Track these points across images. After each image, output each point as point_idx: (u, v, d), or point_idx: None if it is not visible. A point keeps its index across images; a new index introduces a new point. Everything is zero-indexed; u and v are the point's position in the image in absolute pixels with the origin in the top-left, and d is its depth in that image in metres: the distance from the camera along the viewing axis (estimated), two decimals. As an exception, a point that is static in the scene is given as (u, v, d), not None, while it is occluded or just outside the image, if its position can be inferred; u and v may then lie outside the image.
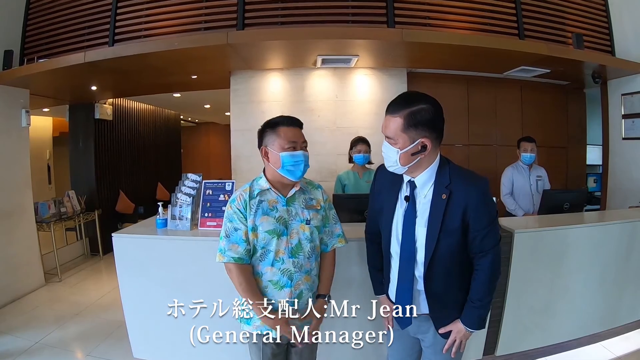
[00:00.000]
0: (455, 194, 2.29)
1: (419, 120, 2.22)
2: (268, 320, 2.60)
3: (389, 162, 2.35)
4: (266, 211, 2.65)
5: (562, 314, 4.23)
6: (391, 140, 2.27)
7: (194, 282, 3.31)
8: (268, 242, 2.63)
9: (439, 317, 2.48)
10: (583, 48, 6.30)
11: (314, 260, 2.77)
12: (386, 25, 5.60)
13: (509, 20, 6.17)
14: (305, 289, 2.71)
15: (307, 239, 2.71)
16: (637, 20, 6.67)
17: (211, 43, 5.20)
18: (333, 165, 6.26)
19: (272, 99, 6.59)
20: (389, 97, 6.06)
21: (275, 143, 2.63)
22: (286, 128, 2.65)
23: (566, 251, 4.08)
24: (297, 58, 6.12)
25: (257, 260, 2.67)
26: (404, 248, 2.42)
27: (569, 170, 8.23)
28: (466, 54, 5.95)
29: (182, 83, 7.63)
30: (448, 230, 2.29)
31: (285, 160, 2.60)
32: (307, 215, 2.74)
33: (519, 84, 7.64)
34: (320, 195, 2.88)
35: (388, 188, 2.52)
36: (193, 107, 12.46)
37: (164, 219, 3.72)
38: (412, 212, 2.38)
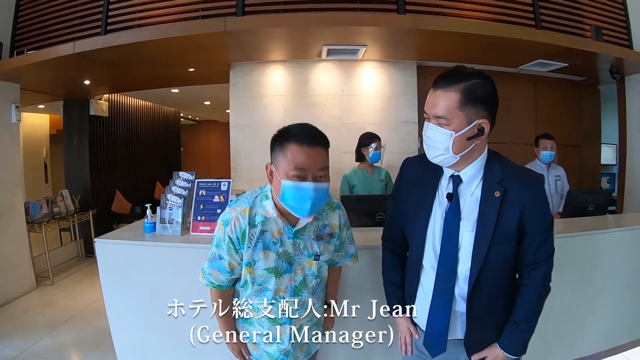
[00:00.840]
0: (511, 192, 1.92)
1: (477, 96, 1.87)
2: (229, 346, 2.39)
3: (435, 151, 1.92)
4: (268, 245, 2.15)
5: (586, 325, 3.94)
6: (443, 121, 1.87)
7: (185, 293, 3.01)
8: (266, 280, 2.18)
9: (474, 342, 2.09)
10: (602, 41, 6.06)
11: (317, 293, 2.32)
12: (397, 12, 5.32)
13: (525, 10, 5.88)
14: (306, 323, 2.32)
15: (313, 275, 2.25)
16: None
17: (208, 30, 4.91)
18: (338, 163, 5.83)
19: (274, 93, 6.35)
20: (398, 92, 5.89)
21: (281, 164, 2.04)
22: (297, 147, 1.99)
23: (595, 257, 3.77)
24: (300, 48, 5.86)
25: (253, 295, 2.24)
26: (444, 258, 2.00)
27: (583, 170, 7.97)
28: (480, 44, 5.65)
29: (180, 77, 7.42)
30: (502, 235, 1.91)
31: (286, 192, 2.02)
32: (317, 249, 2.23)
33: (533, 80, 7.38)
34: (336, 220, 2.31)
35: (419, 185, 2.11)
36: (192, 103, 12.30)
37: (152, 222, 3.36)
38: (456, 214, 1.98)
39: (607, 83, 7.46)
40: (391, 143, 6.28)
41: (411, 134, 6.55)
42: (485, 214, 1.92)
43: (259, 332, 2.28)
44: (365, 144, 5.01)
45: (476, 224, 1.94)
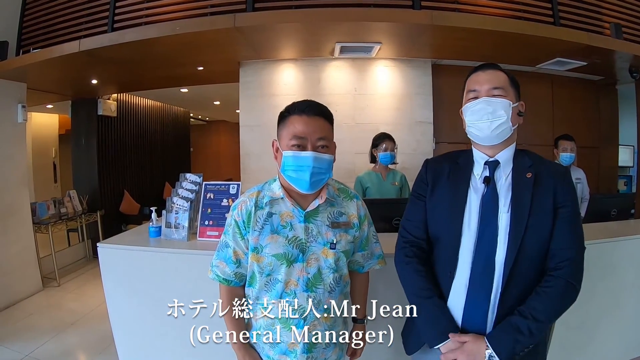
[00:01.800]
0: (541, 174, 1.95)
1: (516, 83, 2.05)
2: (236, 351, 2.18)
3: (498, 120, 1.92)
4: (276, 228, 2.04)
5: (611, 335, 3.81)
6: (501, 92, 1.95)
7: (191, 301, 2.90)
8: (275, 269, 2.03)
9: None
10: (622, 38, 5.91)
11: (337, 294, 2.12)
12: (412, 8, 5.16)
13: (544, 7, 5.72)
14: (324, 330, 2.09)
15: (330, 267, 2.06)
16: None
17: (217, 27, 4.81)
18: (351, 164, 5.91)
19: (285, 92, 6.26)
20: (412, 91, 5.74)
21: (283, 137, 2.03)
22: (297, 117, 2.01)
23: (618, 264, 3.64)
24: (312, 46, 5.77)
25: (262, 290, 2.08)
26: (482, 244, 1.91)
27: (600, 172, 7.86)
28: (497, 42, 5.54)
29: (189, 75, 7.35)
30: (538, 212, 1.89)
31: (286, 162, 2.00)
32: (332, 237, 2.07)
33: (549, 79, 7.26)
34: (354, 209, 2.19)
35: (449, 180, 2.07)
36: (202, 103, 12.28)
37: (158, 227, 3.28)
38: (494, 196, 1.95)
39: (625, 82, 7.34)
40: (406, 144, 6.21)
41: (426, 134, 6.46)
42: (520, 193, 1.92)
43: (270, 336, 2.10)
44: (375, 145, 4.91)
45: (511, 204, 1.93)
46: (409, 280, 2.09)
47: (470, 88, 2.02)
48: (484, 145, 2.01)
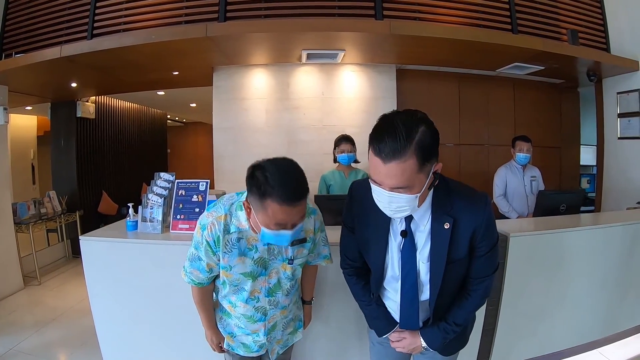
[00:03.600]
0: (461, 221, 1.98)
1: (429, 149, 1.78)
2: (206, 330, 2.56)
3: (403, 212, 1.89)
4: (243, 251, 2.25)
5: (559, 321, 4.05)
6: (405, 190, 1.81)
7: (166, 288, 3.15)
8: (243, 283, 2.31)
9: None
10: (578, 44, 6.19)
11: (292, 294, 2.50)
12: (374, 18, 5.41)
13: (502, 15, 6.00)
14: (280, 320, 2.49)
15: (287, 277, 2.38)
16: (633, 17, 6.57)
17: (190, 36, 5.00)
18: (319, 165, 5.97)
19: (256, 96, 6.42)
20: (378, 95, 6.02)
21: (260, 215, 2.05)
22: (278, 207, 1.96)
23: (564, 255, 3.88)
24: (281, 53, 5.93)
25: (231, 292, 2.37)
26: (406, 286, 2.17)
27: (562, 171, 8.15)
28: (457, 49, 5.79)
29: (165, 80, 7.43)
30: (455, 261, 2.04)
31: (266, 236, 2.09)
32: (291, 253, 2.33)
33: (511, 82, 7.53)
34: (311, 225, 2.38)
35: (370, 218, 2.12)
36: (178, 105, 12.32)
37: (135, 221, 3.48)
38: (412, 247, 2.07)
39: (586, 85, 7.60)
40: (372, 145, 6.41)
41: (390, 135, 6.59)
42: (437, 246, 2.01)
43: (236, 324, 2.46)
44: (335, 147, 5.15)
45: (429, 255, 2.05)
46: (353, 290, 2.45)
47: (372, 175, 1.87)
48: None
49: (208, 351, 2.63)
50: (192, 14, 5.25)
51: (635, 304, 4.55)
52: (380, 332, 2.38)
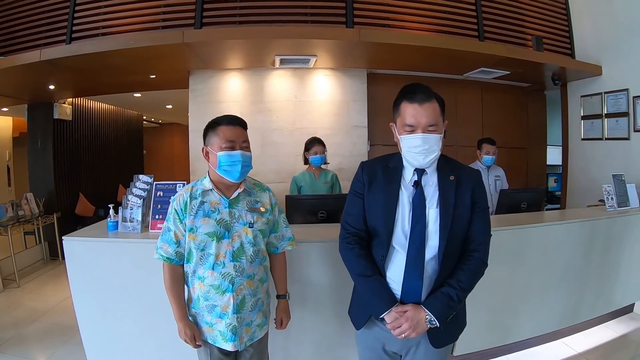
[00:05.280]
0: (461, 178, 2.33)
1: (443, 104, 2.31)
2: (178, 323, 2.65)
3: (433, 154, 2.25)
4: (207, 213, 2.58)
5: (522, 313, 4.28)
6: (434, 128, 2.21)
7: (146, 286, 3.25)
8: (207, 244, 2.55)
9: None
10: (542, 50, 6.43)
11: (257, 264, 2.68)
12: (345, 25, 5.61)
13: (470, 22, 6.26)
14: (248, 294, 2.64)
15: (249, 242, 2.63)
16: (597, 24, 6.83)
17: (167, 42, 5.11)
18: (292, 166, 6.20)
19: (231, 99, 6.52)
20: (349, 98, 6.17)
21: (214, 142, 2.56)
22: (225, 127, 2.57)
23: (525, 250, 4.13)
24: (255, 58, 6.06)
25: (198, 264, 2.58)
26: (415, 234, 2.26)
27: (529, 170, 8.39)
28: (425, 55, 5.98)
29: (142, 82, 7.54)
30: (460, 206, 2.28)
31: (222, 160, 2.53)
32: (250, 218, 2.65)
33: (479, 85, 7.75)
34: (267, 198, 2.79)
35: (381, 181, 2.37)
36: (155, 107, 12.34)
37: (115, 221, 3.60)
38: (422, 196, 2.29)
39: (552, 88, 7.86)
40: (343, 146, 6.66)
41: (361, 137, 6.85)
42: (446, 192, 2.28)
43: (207, 306, 2.62)
44: (307, 149, 5.31)
45: (439, 201, 2.27)
46: (352, 262, 2.40)
47: (406, 121, 2.23)
48: None
49: (189, 347, 2.71)
50: (170, 19, 5.39)
51: (595, 296, 4.82)
52: (379, 310, 2.28)
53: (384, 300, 2.27)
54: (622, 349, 4.89)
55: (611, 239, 4.83)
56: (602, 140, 6.88)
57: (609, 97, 6.72)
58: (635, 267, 5.16)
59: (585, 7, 7.08)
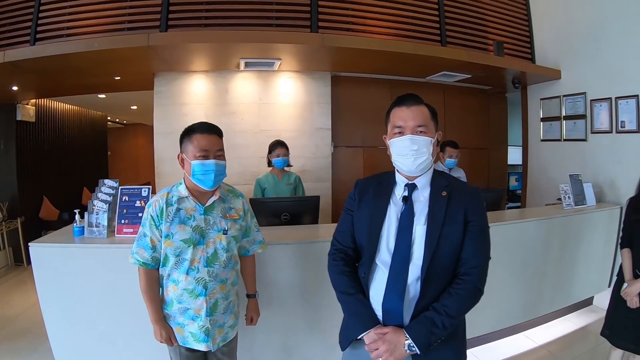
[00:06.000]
0: (455, 193, 2.21)
1: (434, 113, 2.32)
2: (154, 325, 2.68)
3: (423, 157, 2.19)
4: (183, 220, 2.62)
5: (483, 308, 4.31)
6: (423, 129, 2.19)
7: (115, 291, 3.28)
8: (183, 250, 2.61)
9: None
10: (503, 55, 6.61)
11: (230, 269, 2.77)
12: (309, 29, 5.69)
13: (432, 27, 6.40)
14: (220, 298, 2.71)
15: (223, 248, 2.70)
16: (557, 30, 7.05)
17: (132, 45, 5.07)
18: (255, 168, 6.25)
19: (195, 102, 6.51)
20: (313, 100, 6.23)
21: (189, 150, 2.61)
22: (200, 135, 2.61)
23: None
24: (220, 61, 6.07)
25: (173, 268, 2.64)
26: (398, 252, 2.16)
27: (490, 170, 8.58)
28: (389, 59, 6.08)
29: (107, 84, 7.49)
30: (451, 223, 2.14)
31: (196, 168, 2.57)
32: (224, 225, 2.72)
33: (442, 88, 7.87)
34: (240, 205, 2.86)
35: (373, 197, 2.33)
36: (119, 108, 12.23)
37: (81, 226, 3.59)
38: (410, 212, 2.21)
39: (513, 91, 7.99)
40: (306, 148, 6.72)
41: (325, 139, 6.91)
42: (435, 209, 2.17)
43: (180, 309, 2.67)
44: (270, 151, 5.35)
45: (427, 217, 2.17)
46: (336, 280, 2.33)
47: (395, 123, 2.23)
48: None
49: (158, 349, 2.78)
50: (135, 21, 5.36)
51: (554, 290, 5.05)
52: (358, 329, 2.16)
53: (363, 320, 2.16)
54: (582, 340, 5.12)
55: (568, 236, 5.04)
56: (561, 142, 7.06)
57: (568, 100, 6.90)
58: (592, 262, 5.44)
59: (546, 13, 7.29)
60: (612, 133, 6.15)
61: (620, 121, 6.00)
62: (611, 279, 5.61)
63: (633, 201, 3.89)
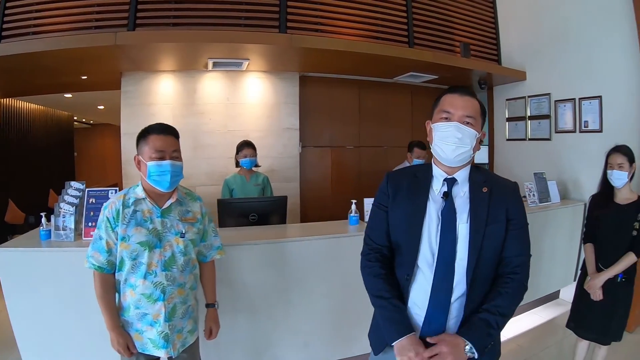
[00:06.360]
0: (495, 190, 2.13)
1: (484, 111, 2.22)
2: (110, 333, 2.62)
3: (464, 148, 2.08)
4: (140, 222, 2.58)
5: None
6: (471, 120, 2.09)
7: (83, 295, 3.16)
8: (139, 253, 2.56)
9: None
10: (469, 56, 6.74)
11: (187, 273, 2.74)
12: (278, 30, 5.70)
13: (400, 28, 6.50)
14: (179, 303, 2.69)
15: (181, 252, 2.67)
16: (523, 32, 7.24)
17: (99, 44, 4.97)
18: (224, 168, 6.19)
19: (163, 102, 6.42)
20: (281, 101, 6.25)
21: (145, 151, 2.59)
22: (155, 136, 2.59)
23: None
24: (188, 60, 6.01)
25: (129, 272, 2.58)
26: (443, 251, 2.06)
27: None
28: (356, 59, 6.12)
29: (73, 83, 7.38)
30: (494, 222, 2.08)
31: (151, 169, 2.55)
32: (182, 228, 2.69)
33: (409, 89, 7.98)
34: (198, 208, 2.84)
35: (409, 192, 2.20)
36: (86, 108, 12.10)
37: (48, 230, 3.55)
38: (452, 209, 2.10)
39: (479, 92, 8.02)
40: (274, 148, 6.73)
41: (292, 139, 6.92)
42: (477, 206, 2.08)
43: (137, 315, 2.62)
44: (237, 152, 5.37)
45: (469, 215, 2.08)
46: (371, 283, 2.20)
47: (444, 108, 2.12)
48: (443, 164, 2.16)
49: None
50: (102, 19, 5.27)
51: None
52: (393, 336, 2.03)
53: (397, 327, 2.03)
54: (549, 333, 5.31)
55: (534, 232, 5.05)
56: (526, 141, 7.24)
57: (532, 100, 7.05)
58: (558, 257, 5.63)
59: (512, 16, 7.47)
60: (576, 133, 6.32)
61: (584, 121, 6.15)
62: (576, 273, 5.76)
63: (595, 198, 4.03)
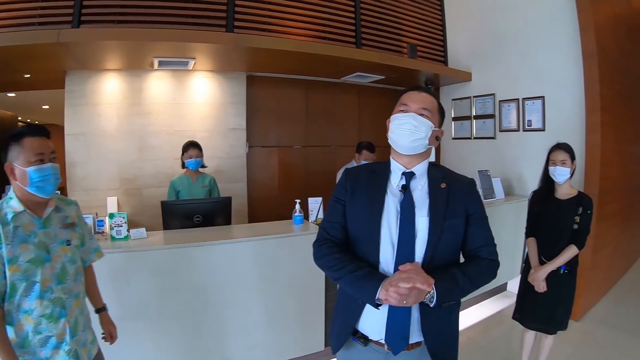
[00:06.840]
0: (453, 185, 2.20)
1: (442, 112, 2.31)
2: None
3: (417, 135, 2.13)
4: (24, 238, 2.34)
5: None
6: (427, 113, 2.16)
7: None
8: (32, 272, 2.33)
9: (437, 346, 2.14)
10: (416, 57, 6.88)
11: (79, 281, 2.61)
12: (225, 29, 5.70)
13: (348, 29, 6.60)
14: (79, 314, 2.56)
15: (70, 260, 2.53)
16: (469, 34, 7.48)
17: (41, 41, 4.80)
18: (170, 169, 6.16)
19: (109, 102, 6.28)
20: (227, 101, 6.25)
21: (21, 157, 2.39)
22: (31, 139, 2.41)
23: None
24: (133, 59, 5.90)
25: (22, 297, 2.32)
26: (403, 241, 2.08)
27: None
28: (303, 59, 6.17)
29: (16, 82, 7.17)
30: (452, 217, 2.13)
31: (33, 175, 2.37)
32: (66, 236, 2.55)
33: (357, 89, 8.07)
34: (74, 212, 2.71)
35: (366, 187, 2.23)
36: (30, 107, 11.79)
37: None
38: (410, 201, 2.14)
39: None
40: (220, 149, 6.70)
41: (239, 139, 6.90)
42: (437, 200, 2.13)
43: (39, 337, 2.37)
44: (182, 153, 5.34)
45: (429, 209, 2.11)
46: (327, 260, 2.18)
47: (402, 102, 2.23)
48: (401, 156, 2.22)
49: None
50: (46, 15, 5.14)
51: None
52: (372, 293, 1.97)
53: (374, 281, 1.99)
54: (498, 324, 5.53)
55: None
56: (471, 140, 7.43)
57: (478, 100, 7.22)
58: (504, 251, 5.72)
59: (459, 18, 7.70)
60: (520, 131, 6.55)
61: (527, 120, 6.35)
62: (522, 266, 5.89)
63: (536, 194, 4.21)
